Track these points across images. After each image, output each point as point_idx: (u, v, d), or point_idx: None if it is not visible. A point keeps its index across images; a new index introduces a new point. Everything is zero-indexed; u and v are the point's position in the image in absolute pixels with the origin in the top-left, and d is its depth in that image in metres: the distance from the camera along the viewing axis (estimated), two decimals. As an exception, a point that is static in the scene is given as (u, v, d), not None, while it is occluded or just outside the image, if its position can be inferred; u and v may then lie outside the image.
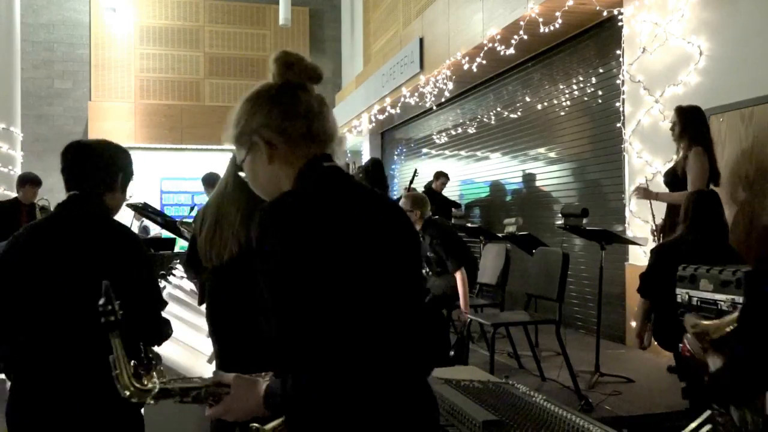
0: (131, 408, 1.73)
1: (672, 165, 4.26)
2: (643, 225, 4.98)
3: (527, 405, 1.74)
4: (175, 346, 3.16)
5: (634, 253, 5.23)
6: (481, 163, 8.90)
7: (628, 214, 5.34)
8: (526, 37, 6.27)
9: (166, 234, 6.88)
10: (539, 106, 7.28)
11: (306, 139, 1.29)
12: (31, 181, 5.39)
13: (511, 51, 6.69)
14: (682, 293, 2.95)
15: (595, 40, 6.28)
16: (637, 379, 4.43)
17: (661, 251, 3.69)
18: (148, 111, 13.35)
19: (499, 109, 8.17)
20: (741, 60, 4.28)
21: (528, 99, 7.51)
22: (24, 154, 10.52)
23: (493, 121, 8.36)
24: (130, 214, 6.48)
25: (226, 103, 13.80)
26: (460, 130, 9.35)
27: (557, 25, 5.96)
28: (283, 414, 1.26)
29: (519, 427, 1.56)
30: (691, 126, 4.04)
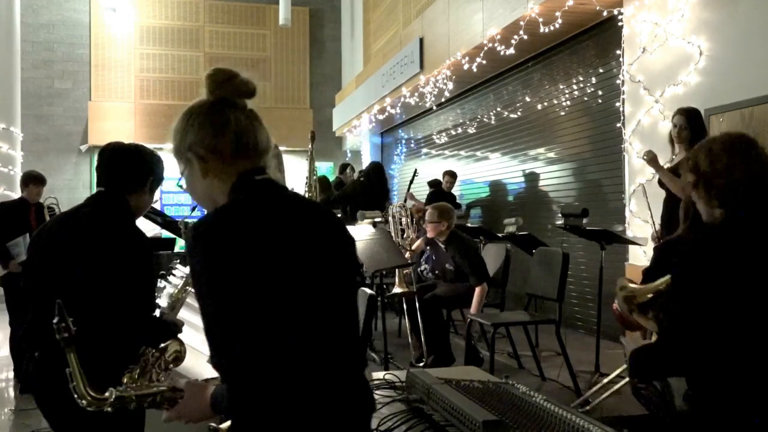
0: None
1: (672, 165, 4.26)
2: (643, 225, 4.98)
3: (527, 405, 1.74)
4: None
5: (634, 253, 5.23)
6: (481, 163, 8.90)
7: (628, 214, 5.34)
8: (526, 37, 6.27)
9: (166, 234, 6.89)
10: (539, 106, 7.28)
11: (237, 155, 1.35)
12: (35, 180, 5.34)
13: (511, 51, 6.69)
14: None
15: (595, 40, 6.28)
16: (637, 379, 4.42)
17: (663, 248, 3.70)
18: (148, 111, 13.35)
19: (499, 109, 8.17)
20: (741, 60, 4.28)
21: (528, 99, 7.51)
22: (24, 154, 10.52)
23: (493, 121, 8.36)
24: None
25: (226, 103, 13.82)
26: (460, 130, 9.35)
27: (557, 25, 5.96)
28: (227, 416, 1.33)
29: (519, 427, 1.56)
30: (698, 128, 4.07)
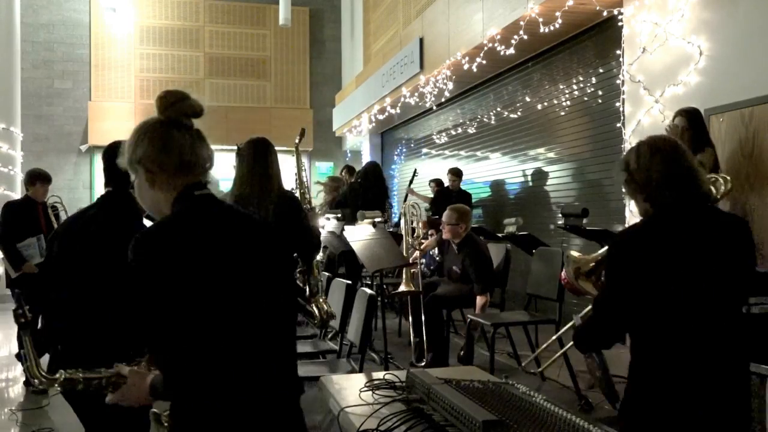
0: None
1: None
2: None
3: (527, 405, 1.74)
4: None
5: (634, 253, 5.21)
6: (481, 163, 8.90)
7: (628, 214, 5.34)
8: (526, 37, 6.27)
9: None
10: (539, 106, 7.28)
11: (180, 170, 1.52)
12: (41, 179, 5.16)
13: (511, 51, 6.69)
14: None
15: (595, 40, 6.28)
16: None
17: None
18: (148, 111, 13.04)
19: (499, 109, 8.17)
20: (741, 60, 4.28)
21: (528, 99, 7.51)
22: (24, 154, 10.52)
23: (493, 121, 8.36)
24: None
25: (226, 103, 13.80)
26: (460, 130, 9.35)
27: (557, 25, 5.96)
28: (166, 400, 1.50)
29: (519, 427, 1.56)
30: (700, 128, 4.08)
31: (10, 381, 5.23)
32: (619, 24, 5.54)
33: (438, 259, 5.60)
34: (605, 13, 5.70)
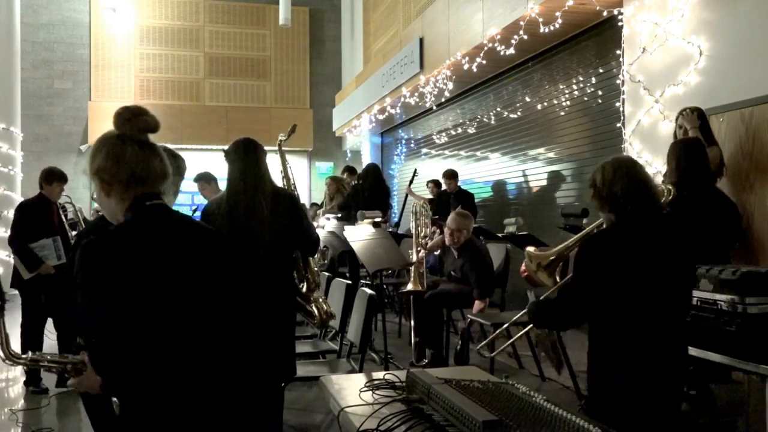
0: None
1: None
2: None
3: (527, 405, 1.74)
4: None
5: (634, 253, 5.22)
6: (481, 163, 8.90)
7: (628, 214, 5.34)
8: (526, 37, 6.27)
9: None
10: (539, 106, 7.28)
11: (131, 182, 1.64)
12: (59, 178, 5.02)
13: (511, 51, 6.69)
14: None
15: (595, 40, 6.28)
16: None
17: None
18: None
19: (499, 109, 8.18)
20: (741, 60, 4.28)
21: (528, 99, 7.51)
22: (24, 154, 10.53)
23: (493, 121, 8.36)
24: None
25: (226, 103, 13.81)
26: (460, 130, 9.35)
27: (557, 25, 5.96)
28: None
29: (519, 427, 1.56)
30: (704, 127, 4.08)
31: (10, 381, 5.23)
32: (619, 24, 5.54)
33: (442, 261, 5.60)
34: (605, 13, 5.71)
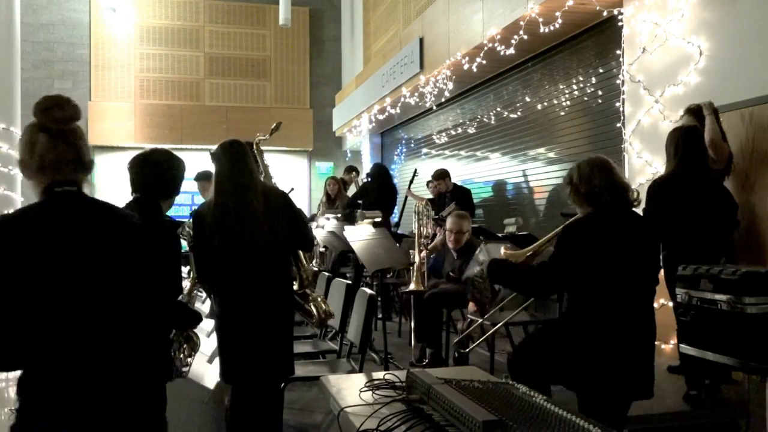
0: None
1: None
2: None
3: (527, 405, 1.74)
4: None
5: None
6: (481, 163, 8.90)
7: (628, 214, 5.34)
8: (526, 37, 6.27)
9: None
10: (539, 106, 7.28)
11: (43, 170, 1.73)
12: None
13: (511, 51, 6.69)
14: (681, 293, 2.94)
15: (595, 40, 6.28)
16: (637, 379, 4.42)
17: (658, 188, 3.87)
18: (148, 111, 13.35)
19: (499, 109, 8.17)
20: (741, 60, 4.28)
21: (528, 99, 7.51)
22: (24, 154, 10.52)
23: (493, 121, 8.36)
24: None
25: (226, 103, 13.80)
26: (460, 130, 9.35)
27: (557, 25, 5.96)
28: None
29: (519, 427, 1.56)
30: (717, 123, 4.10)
31: (10, 381, 5.23)
32: (619, 24, 5.54)
33: (441, 261, 5.60)
34: (605, 13, 5.70)
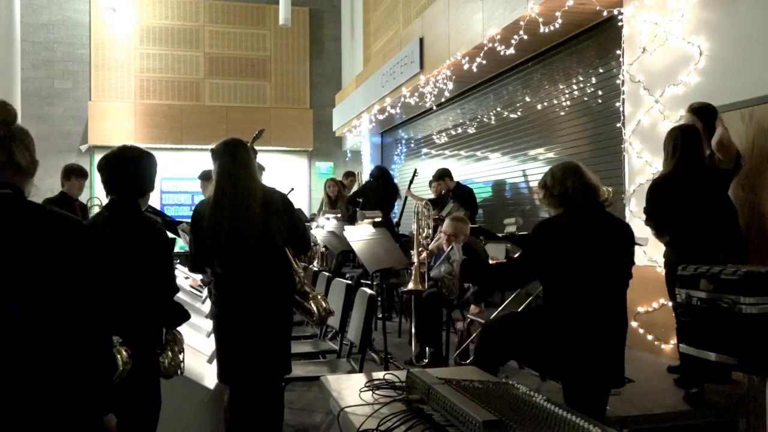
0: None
1: None
2: (643, 225, 4.97)
3: (527, 405, 1.74)
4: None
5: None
6: (481, 163, 8.90)
7: (628, 213, 5.34)
8: (526, 37, 6.27)
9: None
10: (539, 106, 7.28)
11: None
12: (77, 173, 4.91)
13: (511, 51, 6.69)
14: (681, 293, 2.94)
15: (595, 40, 6.28)
16: (637, 379, 4.42)
17: (660, 184, 3.96)
18: (148, 111, 13.35)
19: (499, 109, 8.17)
20: (741, 60, 4.28)
21: (528, 99, 7.51)
22: (24, 154, 10.52)
23: (493, 121, 8.36)
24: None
25: (226, 103, 13.80)
26: (460, 130, 9.35)
27: (557, 25, 5.96)
28: None
29: (519, 427, 1.56)
30: (711, 125, 4.08)
31: None
32: (619, 24, 5.54)
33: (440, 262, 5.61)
34: (605, 13, 5.70)
